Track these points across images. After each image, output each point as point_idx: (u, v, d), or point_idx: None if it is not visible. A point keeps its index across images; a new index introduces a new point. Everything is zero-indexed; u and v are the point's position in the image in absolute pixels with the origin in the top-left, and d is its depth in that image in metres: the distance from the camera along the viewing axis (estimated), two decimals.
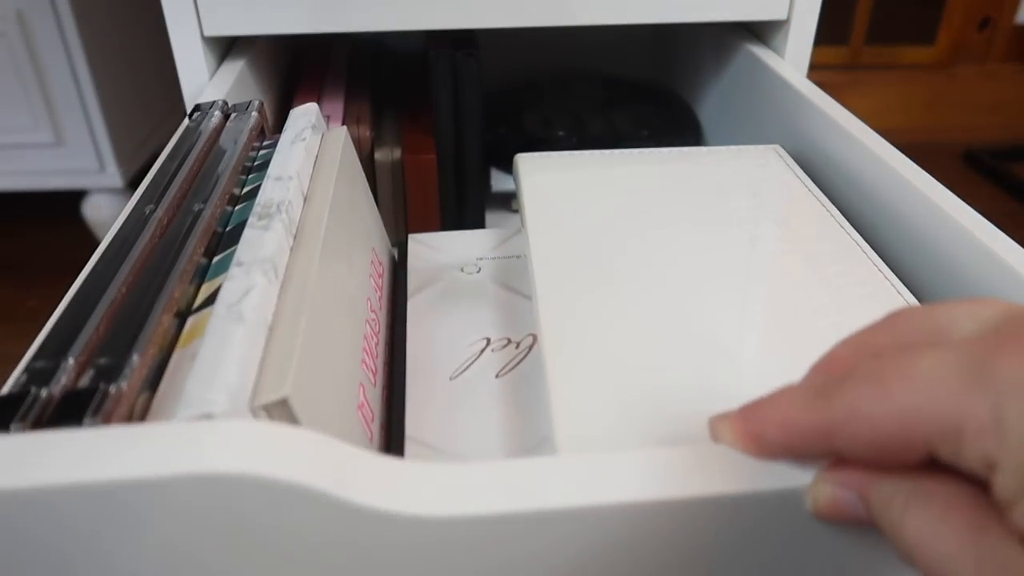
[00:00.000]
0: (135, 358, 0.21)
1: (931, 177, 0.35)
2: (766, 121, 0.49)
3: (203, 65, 0.46)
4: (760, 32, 0.54)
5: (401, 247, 0.41)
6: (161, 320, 0.23)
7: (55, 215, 1.15)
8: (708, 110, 0.61)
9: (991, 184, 1.31)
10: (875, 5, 1.47)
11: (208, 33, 0.46)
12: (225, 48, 0.50)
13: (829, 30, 1.50)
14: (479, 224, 0.54)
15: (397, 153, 0.49)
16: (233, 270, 0.24)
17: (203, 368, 0.20)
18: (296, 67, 0.60)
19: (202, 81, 0.46)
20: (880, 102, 1.49)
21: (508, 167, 0.55)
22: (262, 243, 0.25)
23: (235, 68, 0.48)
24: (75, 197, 1.04)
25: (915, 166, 0.36)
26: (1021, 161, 1.36)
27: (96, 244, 1.05)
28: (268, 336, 0.23)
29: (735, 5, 0.47)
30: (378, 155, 0.49)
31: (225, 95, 0.43)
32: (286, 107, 0.57)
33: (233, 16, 0.45)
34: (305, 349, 0.23)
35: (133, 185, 0.99)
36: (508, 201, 0.59)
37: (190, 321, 0.24)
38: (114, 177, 0.95)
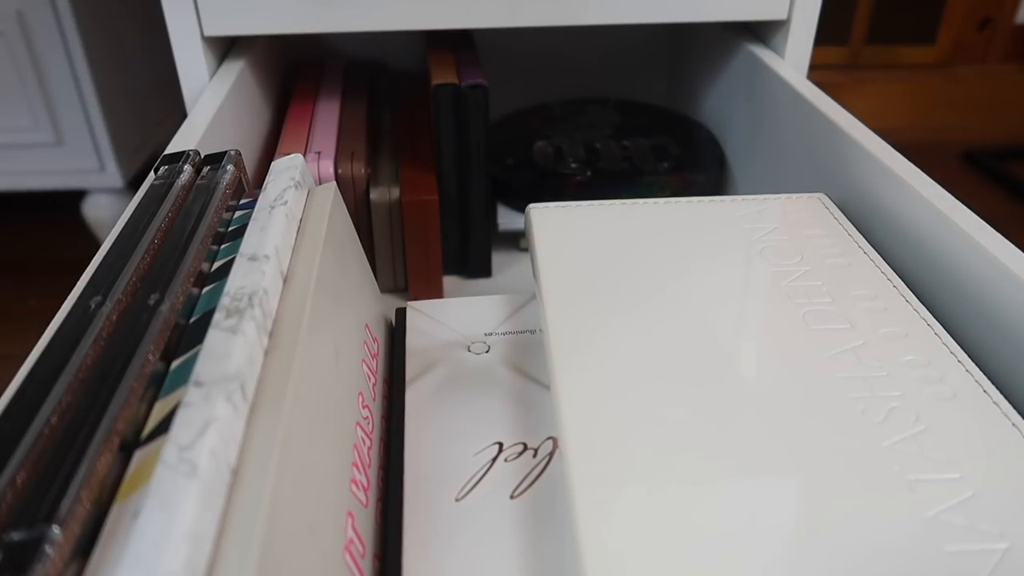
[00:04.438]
0: (56, 532, 0.17)
1: (964, 207, 0.35)
2: (769, 128, 0.49)
3: (203, 65, 0.46)
4: (760, 32, 0.54)
5: (399, 315, 0.37)
6: (98, 465, 0.19)
7: (55, 215, 1.15)
8: (710, 113, 0.61)
9: (991, 184, 1.31)
10: (875, 5, 1.47)
11: (208, 33, 0.46)
12: (225, 48, 0.50)
13: (829, 30, 1.50)
14: (485, 269, 0.51)
15: (395, 193, 0.45)
16: (191, 392, 0.20)
17: (144, 543, 0.16)
18: (291, 83, 0.60)
19: (202, 81, 0.46)
20: (880, 102, 1.49)
21: (516, 203, 0.52)
22: (228, 353, 0.21)
23: (235, 68, 0.48)
24: (75, 197, 1.04)
25: (934, 183, 0.36)
26: (1021, 161, 1.36)
27: (97, 244, 1.05)
28: (231, 485, 0.19)
29: (735, 5, 0.47)
30: (374, 195, 0.45)
31: (225, 95, 0.43)
32: (284, 110, 0.57)
33: (233, 16, 0.45)
34: (277, 502, 0.19)
35: (133, 185, 0.99)
36: (516, 240, 0.55)
37: (137, 457, 0.20)
38: (114, 177, 0.95)
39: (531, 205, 0.38)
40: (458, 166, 0.47)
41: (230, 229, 0.29)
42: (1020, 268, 0.29)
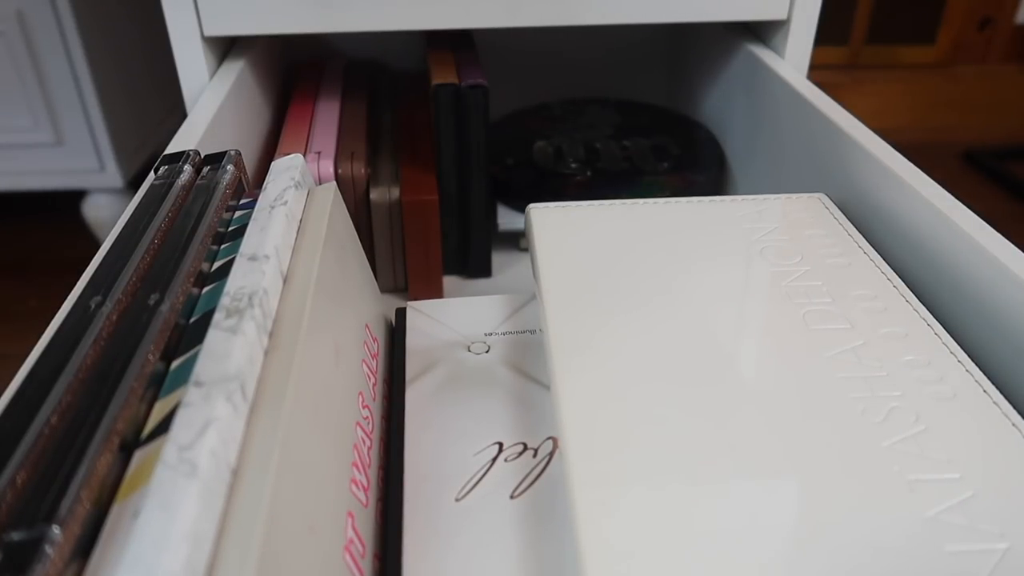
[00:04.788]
0: (56, 532, 0.17)
1: (962, 205, 0.35)
2: (769, 128, 0.49)
3: (203, 65, 0.46)
4: (760, 32, 0.54)
5: (399, 315, 0.37)
6: (98, 465, 0.19)
7: (55, 215, 1.15)
8: (710, 113, 0.61)
9: (991, 184, 1.31)
10: (875, 5, 1.47)
11: (208, 33, 0.46)
12: (225, 48, 0.50)
13: (829, 30, 1.50)
14: (485, 269, 0.51)
15: (395, 193, 0.45)
16: (191, 392, 0.20)
17: (144, 543, 0.16)
18: (291, 83, 0.60)
19: (202, 81, 0.46)
20: (880, 102, 1.49)
21: (516, 203, 0.52)
22: (228, 353, 0.21)
23: (235, 68, 0.48)
24: (75, 197, 1.04)
25: (935, 184, 0.36)
26: (1021, 161, 1.36)
27: (97, 244, 1.05)
28: (231, 485, 0.19)
29: (735, 5, 0.47)
30: (374, 195, 0.45)
31: (225, 95, 0.43)
32: (284, 110, 0.57)
33: (233, 16, 0.45)
34: (277, 502, 0.19)
35: (133, 185, 0.99)
36: (516, 240, 0.55)
37: (136, 457, 0.20)
38: (114, 177, 0.95)
39: (531, 205, 0.38)
40: (458, 166, 0.47)
41: (230, 229, 0.29)
42: (1020, 268, 0.29)
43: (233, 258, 0.26)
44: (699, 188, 0.52)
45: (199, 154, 0.33)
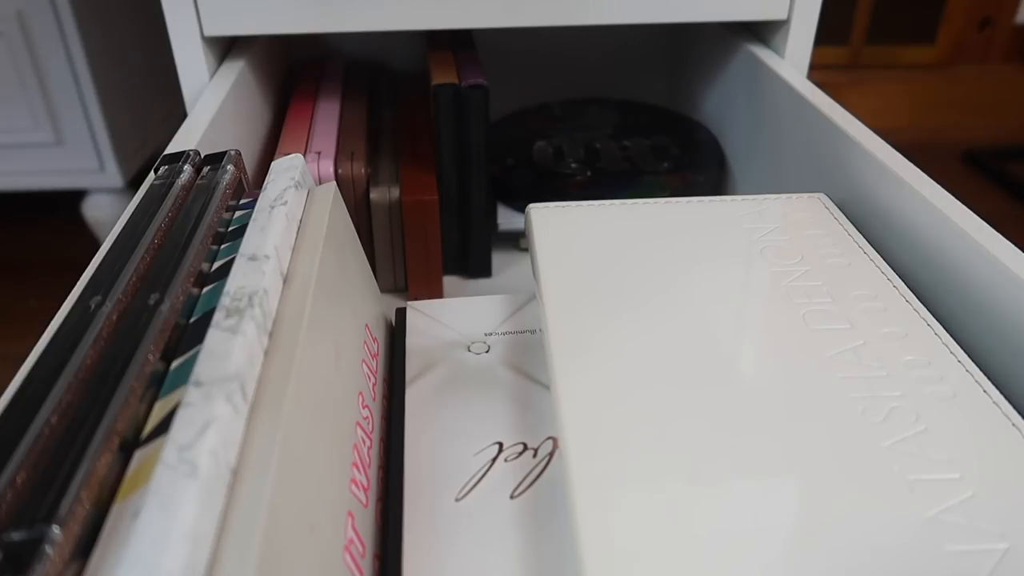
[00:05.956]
0: (56, 532, 0.17)
1: (964, 208, 0.35)
2: (769, 128, 0.49)
3: (203, 65, 0.46)
4: (760, 32, 0.54)
5: (399, 315, 0.37)
6: (98, 465, 0.19)
7: (55, 215, 1.15)
8: (710, 112, 0.61)
9: (991, 184, 1.31)
10: (875, 5, 1.47)
11: (208, 33, 0.46)
12: (225, 48, 0.50)
13: (829, 30, 1.50)
14: (485, 269, 0.51)
15: (395, 192, 0.45)
16: (191, 392, 0.20)
17: (144, 543, 0.16)
18: (291, 83, 0.60)
19: (202, 81, 0.46)
20: (880, 102, 1.49)
21: (516, 203, 0.52)
22: (228, 353, 0.21)
23: (235, 68, 0.48)
24: (75, 197, 1.04)
25: (939, 188, 0.36)
26: (1021, 161, 1.36)
27: (97, 244, 1.05)
28: (231, 485, 0.19)
29: (735, 5, 0.47)
30: (374, 195, 0.45)
31: (225, 95, 0.43)
32: (284, 110, 0.57)
33: (233, 16, 0.45)
34: (277, 502, 0.19)
35: (133, 185, 0.99)
36: (516, 240, 0.55)
37: (136, 457, 0.20)
38: (114, 177, 0.95)
39: (531, 205, 0.38)
40: (458, 166, 0.47)
41: (230, 229, 0.29)
42: (1020, 268, 0.29)
43: (233, 258, 0.26)
44: (699, 188, 0.52)
45: (199, 154, 0.33)
